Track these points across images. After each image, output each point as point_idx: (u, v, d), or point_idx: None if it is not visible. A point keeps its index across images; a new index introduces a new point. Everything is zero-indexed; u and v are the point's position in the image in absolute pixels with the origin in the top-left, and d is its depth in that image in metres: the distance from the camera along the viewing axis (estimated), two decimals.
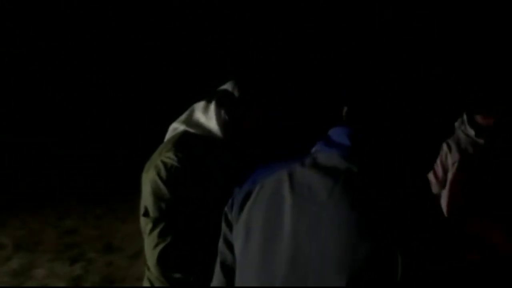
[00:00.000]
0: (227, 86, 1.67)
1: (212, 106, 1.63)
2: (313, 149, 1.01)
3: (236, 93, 1.64)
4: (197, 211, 1.56)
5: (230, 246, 1.05)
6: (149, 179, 1.55)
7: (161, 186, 1.52)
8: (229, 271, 1.05)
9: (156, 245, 1.52)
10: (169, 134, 1.71)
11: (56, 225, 4.89)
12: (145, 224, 1.57)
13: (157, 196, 1.53)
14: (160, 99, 7.37)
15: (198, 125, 1.64)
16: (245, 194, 1.03)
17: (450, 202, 1.99)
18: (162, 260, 1.53)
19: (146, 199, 1.56)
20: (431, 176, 2.34)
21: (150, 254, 1.56)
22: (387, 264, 0.79)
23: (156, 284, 1.65)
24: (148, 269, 1.69)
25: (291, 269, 0.88)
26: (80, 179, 6.27)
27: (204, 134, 1.62)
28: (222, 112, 1.61)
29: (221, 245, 1.08)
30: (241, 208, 1.02)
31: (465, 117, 2.25)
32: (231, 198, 1.08)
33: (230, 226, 1.06)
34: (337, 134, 0.97)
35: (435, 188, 2.32)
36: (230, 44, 7.24)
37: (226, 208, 1.08)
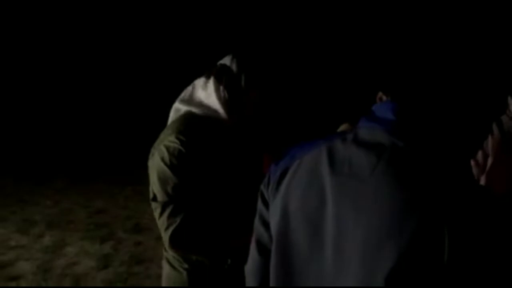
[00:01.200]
0: (225, 60, 1.62)
1: (211, 82, 1.59)
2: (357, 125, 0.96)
3: (234, 68, 1.58)
4: (204, 192, 1.56)
5: (266, 224, 1.02)
6: (154, 165, 1.56)
7: (166, 170, 1.52)
8: (264, 250, 1.03)
9: (167, 228, 1.53)
10: (172, 114, 1.68)
11: (86, 205, 5.00)
12: (154, 209, 1.58)
13: (163, 180, 1.53)
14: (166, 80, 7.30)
15: (200, 104, 1.61)
16: (282, 170, 0.98)
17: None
18: (174, 241, 1.54)
19: (154, 184, 1.56)
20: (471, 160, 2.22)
21: (163, 236, 1.57)
22: (434, 243, 0.75)
23: (175, 264, 1.67)
24: (165, 249, 1.71)
25: (335, 248, 0.85)
26: (109, 161, 6.37)
27: (208, 114, 1.58)
28: (221, 88, 1.57)
29: (256, 223, 1.05)
30: (278, 185, 0.98)
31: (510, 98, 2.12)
32: (267, 175, 1.04)
33: (266, 204, 1.02)
34: (380, 109, 0.91)
35: (474, 172, 2.20)
36: (226, 41, 7.09)
37: (262, 186, 1.05)
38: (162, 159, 1.53)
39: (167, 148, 1.53)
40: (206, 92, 1.60)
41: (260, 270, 1.05)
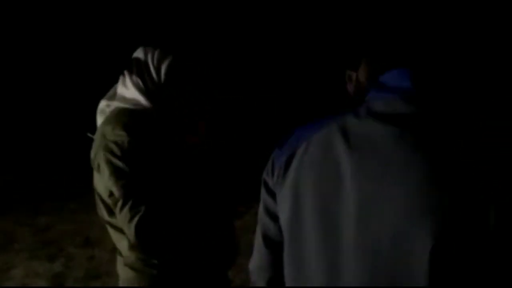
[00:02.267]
0: (136, 53, 1.68)
1: (126, 76, 1.64)
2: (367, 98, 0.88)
3: (142, 57, 1.64)
4: (159, 179, 1.56)
5: (272, 215, 0.94)
6: (103, 162, 1.54)
7: (119, 163, 1.52)
8: (272, 243, 0.95)
9: (131, 219, 1.51)
10: (100, 113, 1.69)
11: (30, 224, 4.72)
12: (113, 204, 1.57)
13: (117, 174, 1.52)
14: None
15: (123, 99, 1.64)
16: (289, 155, 0.90)
17: None
18: (140, 230, 1.52)
19: (108, 182, 1.55)
20: None
21: (127, 229, 1.54)
22: (476, 212, 0.70)
23: (138, 266, 1.63)
24: (121, 254, 1.68)
25: (361, 229, 0.78)
26: (49, 175, 6.06)
27: (135, 108, 1.61)
28: (134, 77, 1.62)
29: (262, 215, 0.97)
30: (285, 171, 0.89)
31: None
32: (270, 162, 0.95)
33: (271, 194, 0.94)
34: (393, 77, 0.84)
35: None
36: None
37: (264, 175, 0.96)
38: (112, 154, 1.52)
39: (115, 142, 1.52)
40: (125, 87, 1.63)
41: (269, 266, 0.98)
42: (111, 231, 1.69)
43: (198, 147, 1.74)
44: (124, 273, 1.69)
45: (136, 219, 1.50)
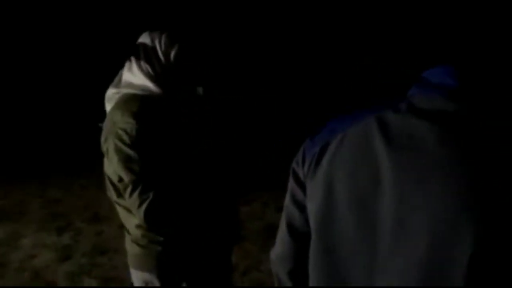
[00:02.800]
0: (141, 39, 1.68)
1: (133, 62, 1.64)
2: (408, 94, 0.85)
3: (149, 44, 1.64)
4: (167, 165, 1.60)
5: (300, 206, 0.92)
6: (112, 150, 1.57)
7: (128, 150, 1.55)
8: (296, 232, 0.94)
9: (141, 204, 1.55)
10: (109, 100, 1.71)
11: (40, 195, 4.81)
12: (123, 189, 1.61)
13: (126, 161, 1.55)
14: None
15: (131, 85, 1.64)
16: (322, 146, 0.88)
17: None
18: (149, 216, 1.57)
19: (117, 168, 1.58)
20: None
21: (136, 213, 1.60)
22: None
23: (144, 242, 1.71)
24: (129, 232, 1.75)
25: (399, 226, 0.76)
26: (61, 150, 6.14)
27: (143, 94, 1.62)
28: (142, 63, 1.62)
29: (289, 205, 0.95)
30: (317, 163, 0.87)
31: None
32: (300, 152, 0.93)
33: (301, 185, 0.92)
34: (436, 74, 0.81)
35: None
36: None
37: (294, 164, 0.94)
38: (121, 141, 1.55)
39: (124, 130, 1.55)
40: (131, 73, 1.63)
41: (291, 255, 0.97)
42: (119, 209, 1.74)
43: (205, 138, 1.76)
44: (131, 249, 1.77)
45: (145, 205, 1.55)
